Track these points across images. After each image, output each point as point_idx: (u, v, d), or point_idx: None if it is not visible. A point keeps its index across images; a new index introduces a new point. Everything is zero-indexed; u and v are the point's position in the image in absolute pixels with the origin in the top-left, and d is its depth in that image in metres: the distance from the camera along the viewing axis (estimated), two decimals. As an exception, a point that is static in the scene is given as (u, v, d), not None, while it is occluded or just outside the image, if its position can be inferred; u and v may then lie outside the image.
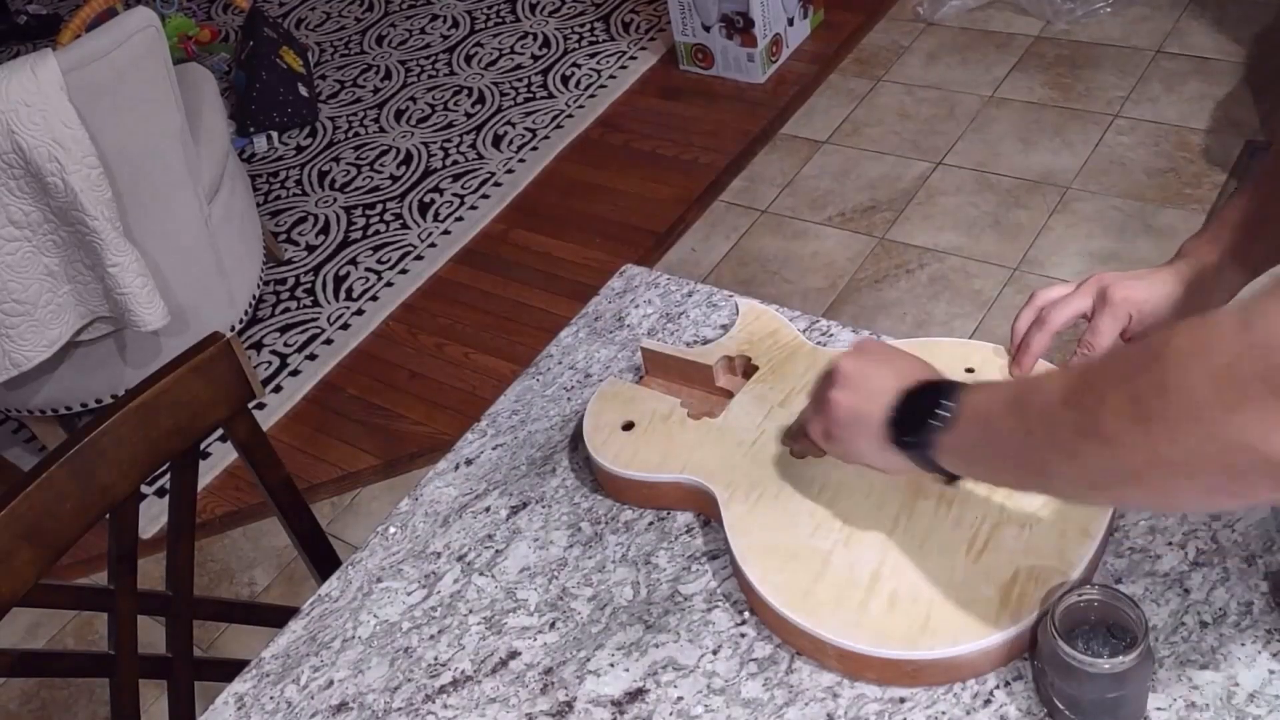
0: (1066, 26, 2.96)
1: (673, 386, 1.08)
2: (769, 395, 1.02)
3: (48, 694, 2.06)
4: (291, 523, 1.25)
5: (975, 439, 0.76)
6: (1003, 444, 0.74)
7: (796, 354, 1.06)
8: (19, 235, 1.96)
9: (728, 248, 2.60)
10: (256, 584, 2.15)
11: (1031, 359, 0.96)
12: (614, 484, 1.02)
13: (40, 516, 1.00)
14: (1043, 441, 0.69)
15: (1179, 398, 0.59)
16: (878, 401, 0.82)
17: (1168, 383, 0.60)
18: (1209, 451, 0.58)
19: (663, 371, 1.10)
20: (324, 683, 0.94)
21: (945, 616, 0.82)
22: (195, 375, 1.10)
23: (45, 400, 2.26)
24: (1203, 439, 0.58)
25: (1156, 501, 0.75)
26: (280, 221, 2.96)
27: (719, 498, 0.94)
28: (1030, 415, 0.70)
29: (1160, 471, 0.62)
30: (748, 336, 1.09)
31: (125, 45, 1.96)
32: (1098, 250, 2.34)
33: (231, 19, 3.87)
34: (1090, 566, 0.84)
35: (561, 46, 3.36)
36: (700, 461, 0.97)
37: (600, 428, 1.03)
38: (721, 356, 1.06)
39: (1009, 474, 0.77)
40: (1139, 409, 0.61)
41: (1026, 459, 0.72)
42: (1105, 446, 0.63)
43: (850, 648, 0.82)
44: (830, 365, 0.87)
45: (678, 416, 1.02)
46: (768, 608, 0.86)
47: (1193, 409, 0.58)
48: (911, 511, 0.88)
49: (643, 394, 1.06)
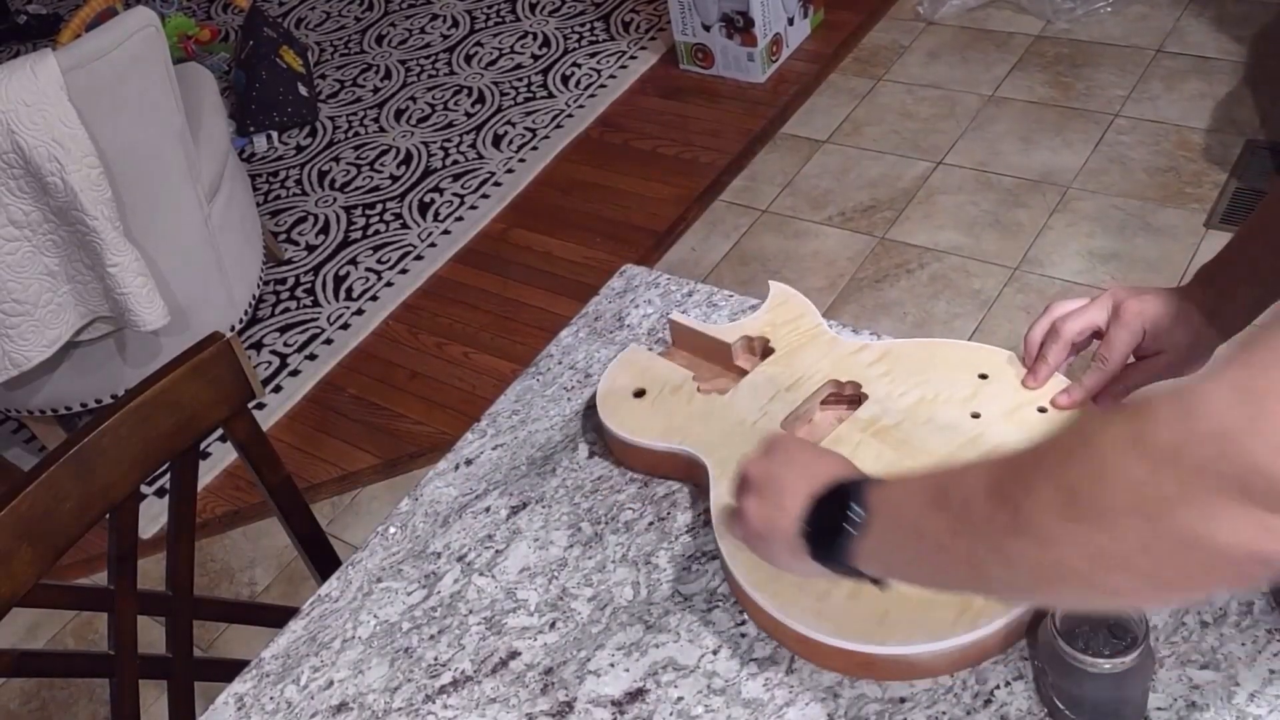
0: (1067, 25, 2.96)
1: (694, 360, 1.11)
2: (779, 378, 1.02)
3: (48, 694, 2.06)
4: (291, 523, 1.25)
5: (895, 542, 0.70)
6: (927, 546, 0.67)
7: (814, 341, 1.06)
8: (19, 235, 1.96)
9: (728, 247, 2.60)
10: (256, 584, 2.15)
11: (1048, 370, 0.96)
12: (618, 447, 1.04)
13: (40, 516, 1.00)
14: (971, 542, 0.63)
15: (1118, 490, 0.55)
16: (788, 511, 0.75)
17: (1105, 474, 0.55)
18: (1156, 547, 0.54)
19: (687, 345, 1.12)
20: (324, 683, 0.94)
21: (903, 615, 0.82)
22: (195, 375, 1.10)
23: (45, 400, 2.26)
24: (1147, 534, 0.54)
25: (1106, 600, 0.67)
26: (280, 221, 2.96)
27: (710, 471, 0.95)
28: (954, 513, 0.64)
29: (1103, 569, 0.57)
30: (772, 319, 1.10)
31: (125, 45, 1.96)
32: (1098, 249, 2.34)
33: (231, 19, 3.87)
34: None
35: (561, 46, 3.36)
36: (700, 435, 0.99)
37: (613, 391, 1.06)
38: (741, 336, 1.08)
39: (939, 577, 0.69)
40: (1073, 503, 0.57)
41: (956, 561, 0.65)
42: (1039, 545, 0.59)
43: (807, 634, 0.83)
44: (740, 469, 0.82)
45: (688, 389, 1.05)
46: (738, 585, 0.88)
47: (1134, 502, 0.54)
48: None
49: (660, 364, 1.08)
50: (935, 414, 0.96)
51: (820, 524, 0.73)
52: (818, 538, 0.73)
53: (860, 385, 1.00)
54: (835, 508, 0.72)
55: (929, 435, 0.94)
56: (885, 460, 0.93)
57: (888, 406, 0.97)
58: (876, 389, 0.99)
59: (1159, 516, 0.53)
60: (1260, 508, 0.51)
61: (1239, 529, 0.52)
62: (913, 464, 0.91)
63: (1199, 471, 0.52)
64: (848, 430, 0.96)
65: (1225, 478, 0.51)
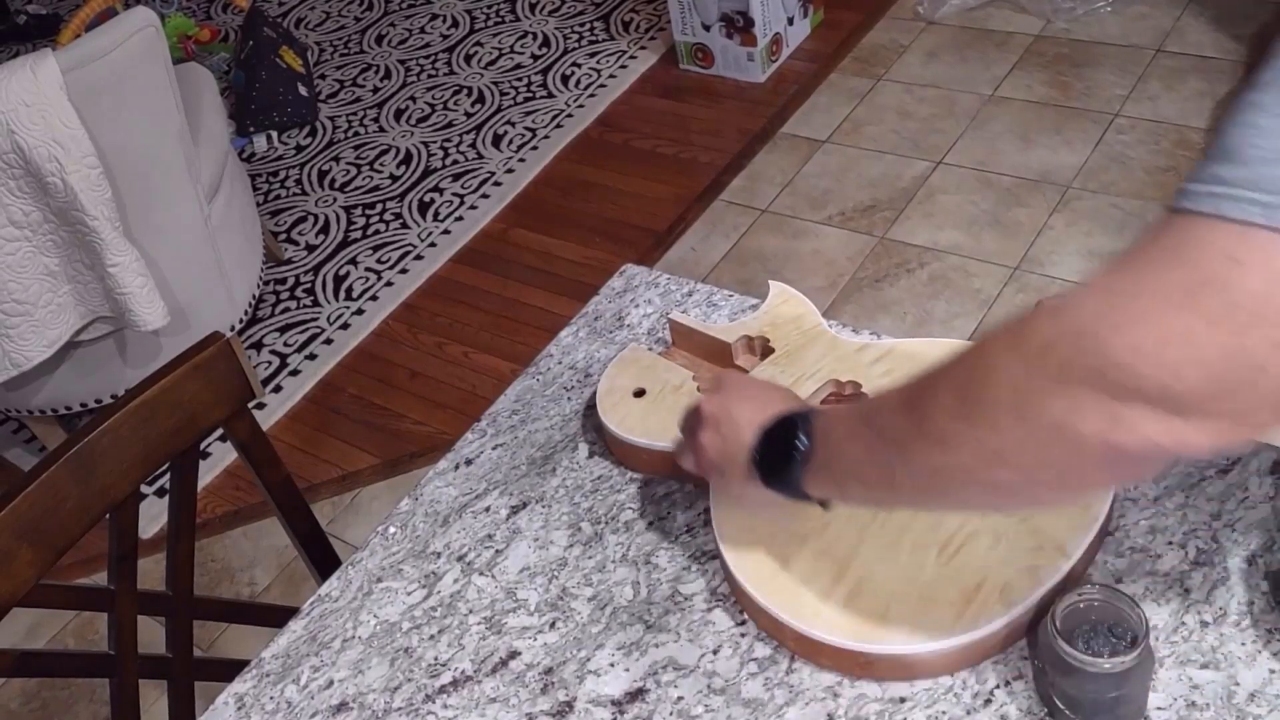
0: (1066, 25, 2.96)
1: (694, 360, 1.11)
2: (779, 378, 1.03)
3: (48, 694, 2.06)
4: (291, 523, 1.25)
5: (834, 465, 0.76)
6: (855, 461, 0.73)
7: (815, 341, 1.06)
8: (19, 235, 1.96)
9: (728, 247, 2.60)
10: (256, 584, 2.15)
11: None
12: (618, 447, 1.04)
13: (40, 516, 1.00)
14: (886, 451, 0.69)
15: (998, 388, 0.60)
16: (741, 443, 0.82)
17: (989, 374, 0.61)
18: (1030, 440, 0.59)
19: (687, 344, 1.12)
20: (324, 683, 0.94)
21: (904, 614, 0.82)
22: (195, 375, 1.10)
23: (45, 400, 2.26)
24: (1022, 428, 0.59)
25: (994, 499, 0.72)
26: (280, 221, 2.96)
27: None
28: (874, 427, 0.71)
29: (989, 466, 0.62)
30: (772, 318, 1.10)
31: (125, 45, 1.96)
32: (1098, 249, 2.34)
33: (231, 19, 3.87)
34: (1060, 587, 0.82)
35: (561, 46, 3.35)
36: None
37: (613, 391, 1.06)
38: (742, 335, 1.08)
39: (865, 491, 0.76)
40: (964, 403, 0.62)
41: (875, 472, 0.71)
42: (938, 445, 0.64)
43: (806, 633, 0.83)
44: (693, 405, 0.88)
45: (688, 389, 1.05)
46: (737, 584, 0.88)
47: (1012, 398, 0.59)
48: None
49: (660, 364, 1.08)
50: (935, 413, 0.96)
51: (770, 453, 0.80)
52: (768, 466, 0.80)
53: (860, 385, 1.00)
54: (783, 438, 0.78)
55: (929, 435, 0.94)
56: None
57: (888, 406, 0.97)
58: (877, 387, 0.99)
59: (1032, 410, 0.58)
60: (1114, 399, 0.55)
61: (1097, 420, 0.56)
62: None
63: (1064, 367, 0.57)
64: (848, 430, 0.96)
65: (1086, 371, 0.56)
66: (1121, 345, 0.54)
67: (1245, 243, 0.52)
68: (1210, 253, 0.53)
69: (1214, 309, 0.52)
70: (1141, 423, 0.55)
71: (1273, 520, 0.87)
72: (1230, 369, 0.53)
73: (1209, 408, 0.54)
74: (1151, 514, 0.90)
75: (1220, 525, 0.88)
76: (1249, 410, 0.54)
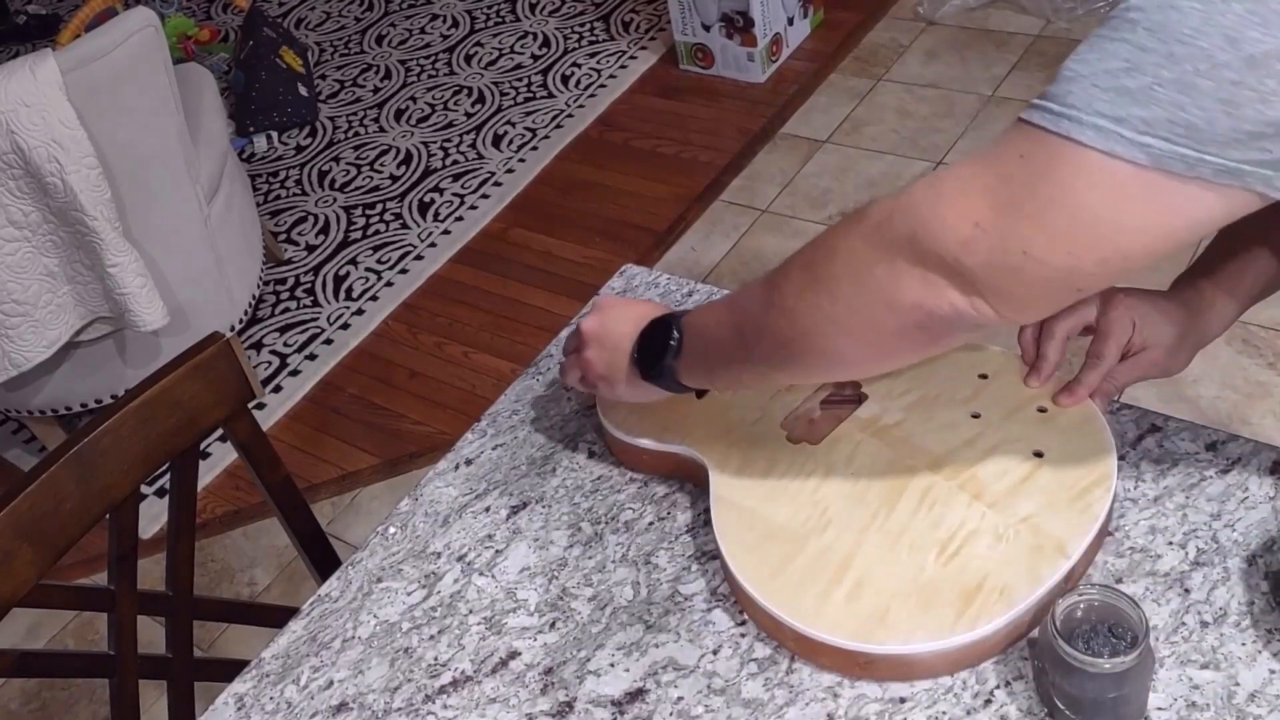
0: (1067, 25, 2.95)
1: None
2: None
3: (48, 694, 2.06)
4: (291, 523, 1.25)
5: (702, 350, 0.85)
6: (721, 344, 0.83)
7: None
8: (19, 235, 1.96)
9: (728, 247, 2.60)
10: (256, 584, 2.15)
11: (1050, 368, 0.96)
12: (618, 447, 1.04)
13: (40, 516, 1.00)
14: (744, 327, 0.78)
15: (839, 260, 0.69)
16: (622, 349, 0.92)
17: (832, 249, 0.70)
18: (861, 305, 0.68)
19: None
20: (324, 683, 0.94)
21: (903, 614, 0.82)
22: (195, 375, 1.10)
23: (45, 400, 2.26)
24: (855, 295, 0.68)
25: (833, 366, 0.77)
26: (280, 221, 2.96)
27: (710, 470, 0.95)
28: (737, 309, 0.81)
29: (828, 334, 0.70)
30: None
31: (125, 45, 1.96)
32: (1098, 249, 2.34)
33: (231, 19, 3.87)
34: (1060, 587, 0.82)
35: (561, 46, 3.36)
36: (699, 435, 0.99)
37: None
38: None
39: (728, 371, 0.85)
40: (811, 275, 0.71)
41: (735, 349, 0.81)
42: (786, 316, 0.73)
43: (806, 632, 0.83)
44: (575, 327, 0.98)
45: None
46: (737, 584, 0.88)
47: (849, 268, 0.68)
48: (893, 507, 0.89)
49: None
50: (935, 414, 0.96)
51: (648, 352, 0.90)
52: (647, 364, 0.90)
53: (860, 384, 1.01)
54: (658, 338, 0.89)
55: (929, 435, 0.94)
56: (885, 459, 0.93)
57: (888, 406, 0.97)
58: (877, 388, 0.99)
59: (863, 276, 0.67)
60: (925, 267, 0.64)
61: (913, 285, 0.65)
62: (913, 463, 0.91)
63: (891, 239, 0.66)
64: (848, 429, 0.96)
65: (905, 241, 0.65)
66: (932, 217, 0.63)
67: (1033, 143, 0.60)
68: (1010, 151, 0.62)
69: (1000, 199, 0.61)
70: (947, 290, 0.64)
71: (1273, 520, 0.87)
72: (1005, 252, 0.62)
73: (993, 283, 0.63)
74: (1151, 514, 0.90)
75: (1220, 525, 0.88)
76: (1023, 291, 0.63)
